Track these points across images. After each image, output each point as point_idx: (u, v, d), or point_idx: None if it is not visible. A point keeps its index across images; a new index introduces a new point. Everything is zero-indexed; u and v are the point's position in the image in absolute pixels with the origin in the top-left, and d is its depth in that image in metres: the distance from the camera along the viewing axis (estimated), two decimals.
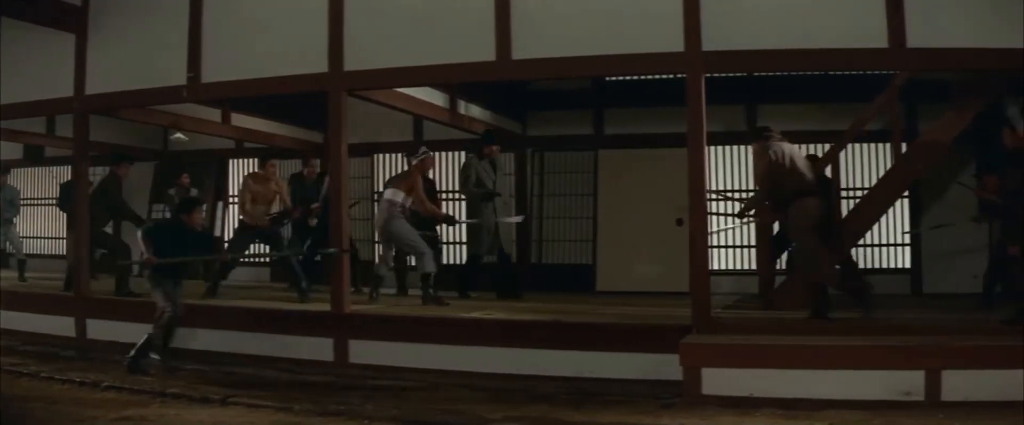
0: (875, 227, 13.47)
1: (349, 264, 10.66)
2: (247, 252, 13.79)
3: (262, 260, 16.19)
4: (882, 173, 12.94)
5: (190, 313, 10.50)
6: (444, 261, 14.63)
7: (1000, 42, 8.78)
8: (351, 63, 10.37)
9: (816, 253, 9.73)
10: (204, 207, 12.57)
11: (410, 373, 9.70)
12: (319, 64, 10.46)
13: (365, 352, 10.19)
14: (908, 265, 14.63)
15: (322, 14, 10.44)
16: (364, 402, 8.48)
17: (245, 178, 13.98)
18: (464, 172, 13.13)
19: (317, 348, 10.35)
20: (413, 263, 13.40)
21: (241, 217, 13.84)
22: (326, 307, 10.64)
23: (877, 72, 11.79)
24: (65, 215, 15.00)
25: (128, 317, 11.33)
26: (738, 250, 15.50)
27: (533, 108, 15.92)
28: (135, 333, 10.10)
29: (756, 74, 13.95)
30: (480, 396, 8.78)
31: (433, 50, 10.08)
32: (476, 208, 13.13)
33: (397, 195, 11.87)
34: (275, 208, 13.71)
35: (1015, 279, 9.49)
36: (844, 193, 13.26)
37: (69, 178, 14.31)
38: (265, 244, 13.97)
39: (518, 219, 13.47)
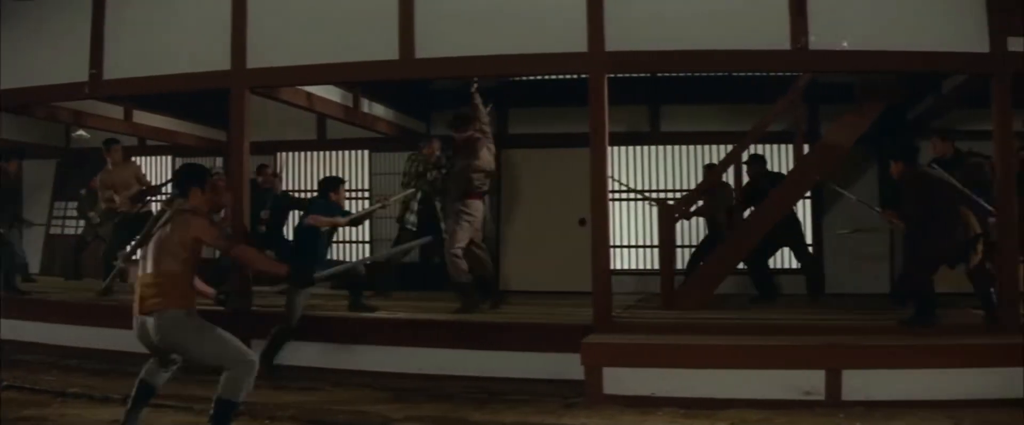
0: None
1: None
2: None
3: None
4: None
5: (89, 312, 10.33)
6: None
7: (901, 45, 8.98)
8: (254, 60, 10.26)
9: None
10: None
11: (313, 372, 9.63)
12: (222, 61, 10.33)
13: None
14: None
15: (225, 11, 10.31)
16: (266, 401, 8.38)
17: (100, 175, 13.62)
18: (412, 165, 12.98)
19: None
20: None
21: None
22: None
23: (780, 74, 11.90)
24: None
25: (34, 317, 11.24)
26: (640, 250, 15.54)
27: (437, 107, 15.80)
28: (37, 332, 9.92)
29: (660, 75, 13.98)
30: (383, 396, 8.73)
31: (336, 48, 10.00)
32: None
33: None
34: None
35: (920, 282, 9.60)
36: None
37: None
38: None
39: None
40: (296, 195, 15.38)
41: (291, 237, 12.11)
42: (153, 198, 13.70)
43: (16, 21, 11.39)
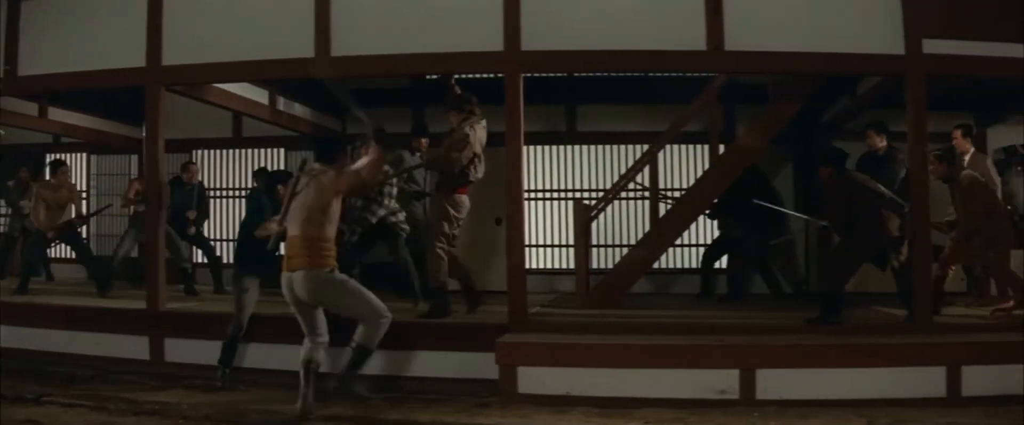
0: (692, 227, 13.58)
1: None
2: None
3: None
4: (700, 174, 13.05)
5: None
6: None
7: (817, 46, 9.06)
8: (170, 57, 10.12)
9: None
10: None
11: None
12: (137, 58, 10.17)
13: (181, 350, 9.96)
14: (723, 265, 14.81)
15: (142, 8, 10.15)
16: (179, 401, 8.33)
17: (37, 187, 13.55)
18: (395, 166, 12.71)
19: (133, 346, 10.08)
20: None
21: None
22: (142, 305, 10.39)
23: (696, 74, 11.93)
24: None
25: None
26: (556, 249, 15.51)
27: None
28: None
29: (577, 74, 13.98)
30: (296, 395, 8.52)
31: (253, 46, 9.87)
32: (406, 205, 12.67)
33: None
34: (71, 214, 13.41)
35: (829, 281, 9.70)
36: (662, 194, 13.33)
37: None
38: (68, 246, 13.83)
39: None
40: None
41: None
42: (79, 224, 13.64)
43: None
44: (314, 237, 7.77)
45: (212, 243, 14.04)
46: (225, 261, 13.88)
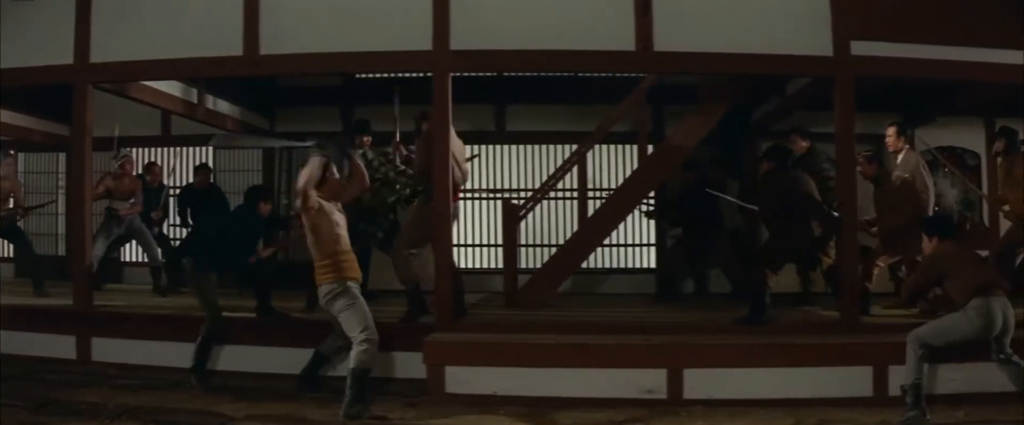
0: (621, 227, 13.61)
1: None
2: None
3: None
4: (628, 174, 13.07)
5: None
6: None
7: (746, 47, 9.11)
8: (97, 55, 9.99)
9: None
10: None
11: (155, 371, 9.40)
12: (65, 55, 10.03)
13: (109, 350, 9.84)
14: (653, 265, 14.86)
15: (69, 5, 10.03)
16: (107, 400, 8.20)
17: None
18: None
19: (60, 345, 9.94)
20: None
21: None
22: (69, 303, 10.27)
23: (626, 74, 11.95)
24: None
25: None
26: (485, 249, 15.50)
27: (281, 104, 15.58)
28: None
29: (506, 74, 13.95)
30: (224, 395, 8.54)
31: (182, 44, 9.74)
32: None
33: None
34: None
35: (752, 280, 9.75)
36: (590, 194, 13.35)
37: None
38: (6, 239, 13.65)
39: None
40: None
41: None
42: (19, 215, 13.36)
43: None
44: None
45: (173, 243, 13.88)
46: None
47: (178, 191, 14.14)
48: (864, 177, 10.09)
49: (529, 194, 13.81)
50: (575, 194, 13.51)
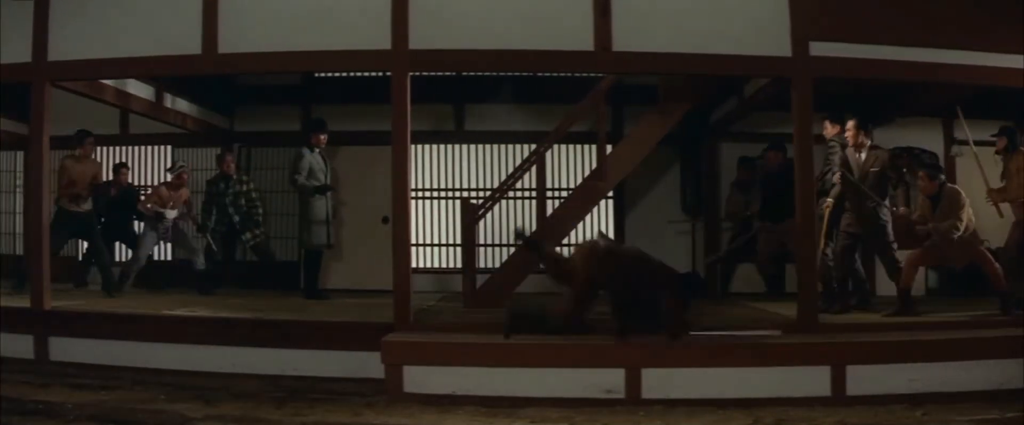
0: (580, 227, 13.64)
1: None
2: None
3: None
4: (586, 174, 13.09)
5: None
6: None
7: (705, 48, 9.14)
8: (55, 53, 9.90)
9: None
10: None
11: (113, 371, 9.32)
12: (23, 53, 9.94)
13: (67, 349, 9.80)
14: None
15: (27, 2, 9.93)
16: (64, 401, 8.10)
17: None
18: (295, 164, 12.51)
19: (16, 345, 9.85)
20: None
21: None
22: (25, 303, 10.19)
23: (585, 74, 11.96)
24: None
25: None
26: (444, 249, 15.49)
27: (241, 103, 15.52)
28: None
29: (465, 74, 13.97)
30: (182, 395, 8.45)
31: (140, 42, 9.68)
32: (306, 202, 12.64)
33: None
34: None
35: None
36: (549, 193, 13.34)
37: None
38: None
39: None
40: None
41: None
42: None
43: None
44: None
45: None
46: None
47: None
48: (925, 195, 10.18)
49: (488, 193, 13.81)
50: (534, 194, 13.49)
